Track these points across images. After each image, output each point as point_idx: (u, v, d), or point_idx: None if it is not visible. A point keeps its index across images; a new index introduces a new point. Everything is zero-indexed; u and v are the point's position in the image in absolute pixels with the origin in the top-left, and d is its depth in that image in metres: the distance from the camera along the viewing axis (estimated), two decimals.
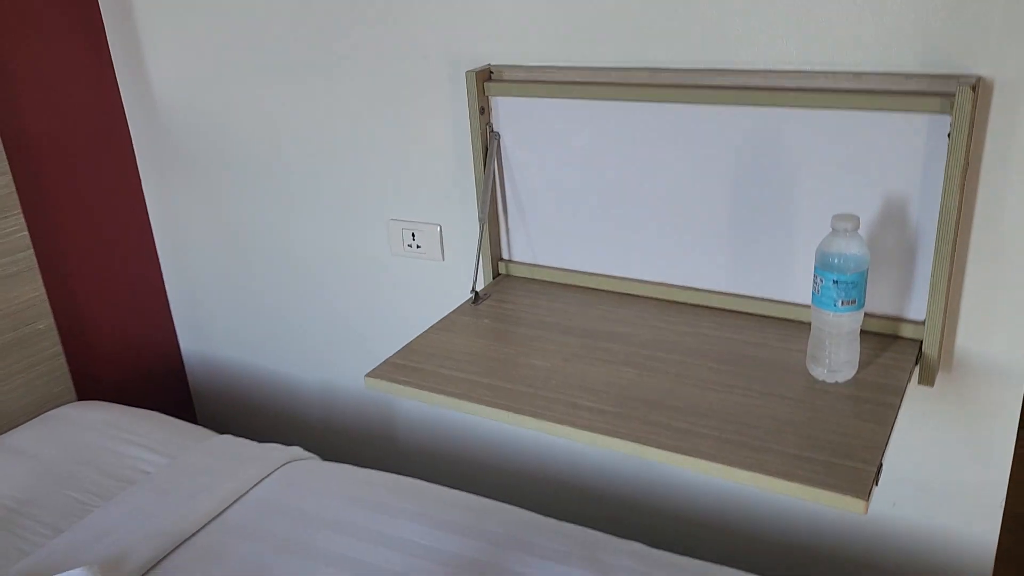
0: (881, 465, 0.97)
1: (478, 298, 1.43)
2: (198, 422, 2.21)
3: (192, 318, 2.09)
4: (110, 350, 2.00)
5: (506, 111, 1.41)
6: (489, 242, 1.48)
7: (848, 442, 1.01)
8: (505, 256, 1.52)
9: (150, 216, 2.02)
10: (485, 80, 1.39)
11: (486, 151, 1.42)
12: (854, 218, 1.08)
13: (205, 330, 2.08)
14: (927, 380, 1.21)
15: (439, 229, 1.60)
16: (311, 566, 1.28)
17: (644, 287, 1.40)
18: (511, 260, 1.51)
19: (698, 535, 1.59)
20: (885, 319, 1.23)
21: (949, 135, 1.08)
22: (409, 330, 1.65)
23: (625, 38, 1.30)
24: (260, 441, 1.64)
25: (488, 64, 1.41)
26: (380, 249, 1.70)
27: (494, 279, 1.51)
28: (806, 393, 1.12)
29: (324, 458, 1.62)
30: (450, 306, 1.45)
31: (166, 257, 2.05)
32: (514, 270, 1.51)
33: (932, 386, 1.22)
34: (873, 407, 1.08)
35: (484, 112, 1.41)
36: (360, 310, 1.80)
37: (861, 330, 1.14)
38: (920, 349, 1.20)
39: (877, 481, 0.96)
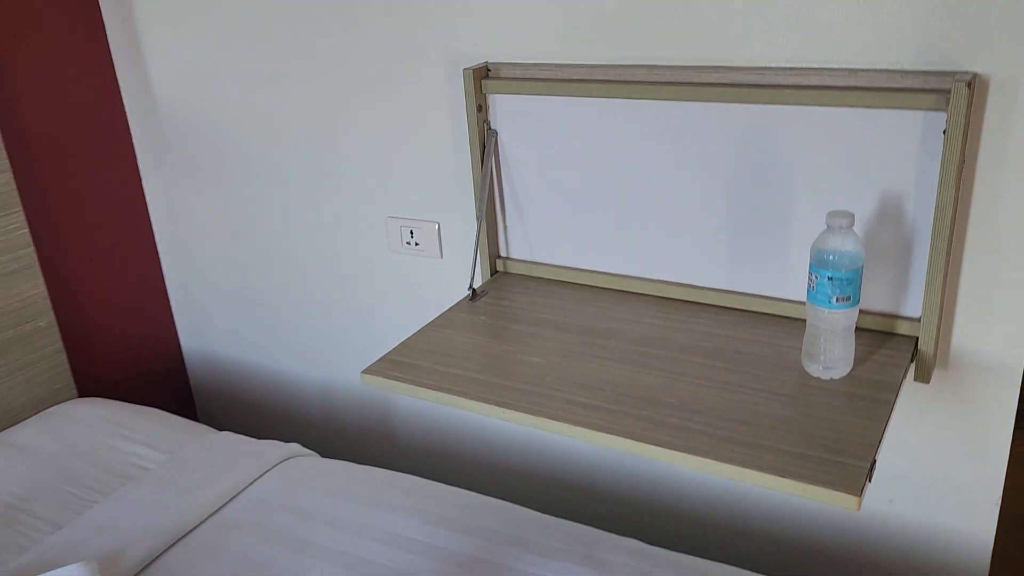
0: (875, 462, 0.97)
1: (475, 295, 1.44)
2: (199, 419, 2.21)
3: (192, 315, 2.10)
4: (111, 347, 2.00)
5: (503, 109, 1.41)
6: (487, 239, 1.48)
7: (842, 439, 1.01)
8: (503, 253, 1.52)
9: (150, 213, 2.02)
10: (482, 78, 1.40)
11: (483, 149, 1.43)
12: (849, 215, 1.08)
13: (205, 327, 2.09)
14: (923, 377, 1.21)
15: (437, 227, 1.61)
16: (308, 562, 1.29)
17: (641, 284, 1.40)
18: (509, 257, 1.51)
19: (696, 532, 1.59)
20: (881, 316, 1.23)
21: (945, 132, 1.08)
22: (407, 327, 1.66)
23: (622, 36, 1.30)
24: (260, 438, 1.64)
25: (485, 62, 1.41)
26: (379, 247, 1.70)
27: (492, 276, 1.51)
28: (801, 390, 1.12)
29: (323, 455, 1.63)
30: (448, 303, 1.46)
31: (166, 254, 2.06)
32: (512, 267, 1.51)
33: (928, 383, 1.22)
34: (868, 404, 1.08)
35: (482, 110, 1.41)
36: (359, 308, 1.80)
37: (857, 327, 1.14)
38: (916, 346, 1.20)
39: (870, 478, 0.96)
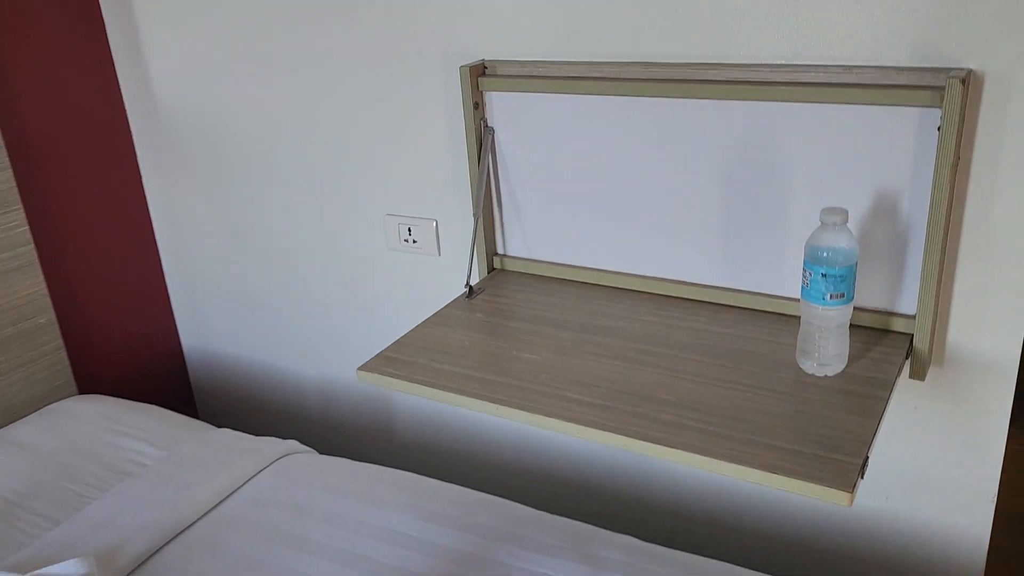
0: (867, 458, 0.98)
1: (472, 292, 1.44)
2: (199, 416, 2.22)
3: (192, 313, 2.10)
4: (111, 345, 2.01)
5: (500, 106, 1.41)
6: (484, 237, 1.48)
7: (835, 435, 1.01)
8: (500, 251, 1.52)
9: (150, 211, 2.03)
10: (479, 75, 1.40)
11: (480, 146, 1.43)
12: (842, 211, 1.08)
13: (205, 325, 2.09)
14: (918, 374, 1.21)
15: (435, 224, 1.61)
16: (306, 558, 1.29)
17: (637, 281, 1.40)
18: (506, 255, 1.52)
19: (690, 529, 1.59)
20: (876, 313, 1.23)
21: (939, 128, 1.08)
22: (405, 324, 1.66)
23: (619, 33, 1.30)
24: (260, 435, 1.65)
25: (482, 59, 1.41)
26: (377, 244, 1.71)
27: (489, 274, 1.52)
28: (795, 387, 1.12)
29: (321, 452, 1.63)
30: (446, 300, 1.46)
31: (166, 252, 2.06)
32: (509, 265, 1.51)
33: (923, 380, 1.22)
34: (862, 401, 1.08)
35: (478, 107, 1.41)
36: (357, 305, 1.80)
37: (852, 324, 1.14)
38: (911, 343, 1.20)
39: (863, 474, 0.96)
